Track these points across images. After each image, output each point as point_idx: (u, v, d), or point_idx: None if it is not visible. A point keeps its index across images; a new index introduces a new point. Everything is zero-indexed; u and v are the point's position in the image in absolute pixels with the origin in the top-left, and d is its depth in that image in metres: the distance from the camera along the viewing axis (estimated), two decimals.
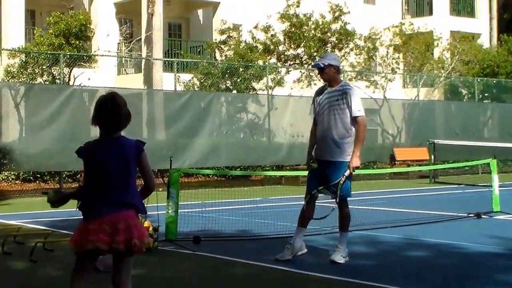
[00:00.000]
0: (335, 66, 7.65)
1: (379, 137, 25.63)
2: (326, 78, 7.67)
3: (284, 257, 7.54)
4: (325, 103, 7.62)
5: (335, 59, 7.85)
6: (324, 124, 7.59)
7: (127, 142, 4.55)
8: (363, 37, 26.14)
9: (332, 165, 7.49)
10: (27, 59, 19.83)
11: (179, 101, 19.31)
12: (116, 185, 4.44)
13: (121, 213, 4.42)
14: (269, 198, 14.83)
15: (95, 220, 4.41)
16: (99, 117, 4.52)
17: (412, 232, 9.88)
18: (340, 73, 7.90)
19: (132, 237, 4.38)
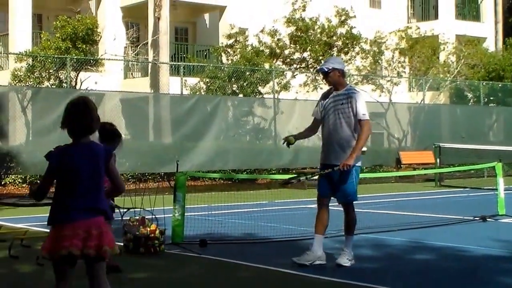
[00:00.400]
0: (339, 70, 7.64)
1: (385, 140, 25.65)
2: (331, 82, 7.67)
3: (300, 261, 7.48)
4: (331, 107, 7.61)
5: (339, 63, 7.83)
6: (330, 128, 7.59)
7: (97, 146, 4.56)
8: (369, 41, 26.17)
9: (344, 170, 7.48)
10: (34, 63, 19.92)
11: (186, 104, 19.37)
12: (88, 190, 4.43)
13: (94, 219, 4.42)
14: (275, 201, 14.86)
15: (68, 225, 4.37)
16: (71, 120, 4.50)
17: (417, 235, 9.90)
18: (345, 77, 7.91)
19: (103, 243, 4.39)
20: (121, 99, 19.38)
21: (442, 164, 21.40)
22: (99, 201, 4.48)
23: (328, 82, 7.73)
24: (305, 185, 19.03)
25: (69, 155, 4.45)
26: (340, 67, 7.66)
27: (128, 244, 8.54)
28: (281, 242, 9.46)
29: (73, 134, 4.50)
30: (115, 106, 18.92)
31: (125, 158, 18.32)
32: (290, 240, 9.58)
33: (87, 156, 4.45)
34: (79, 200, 4.40)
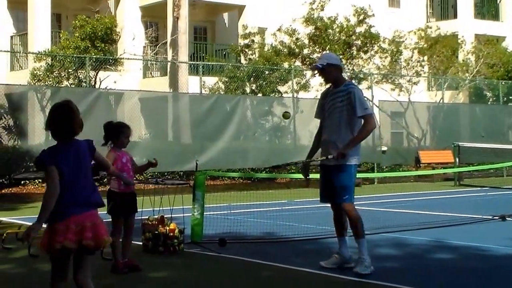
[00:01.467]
0: (335, 65, 7.29)
1: (404, 139, 25.57)
2: (328, 78, 7.37)
3: (328, 265, 7.26)
4: (330, 105, 7.29)
5: (334, 58, 7.50)
6: (328, 127, 7.29)
7: (80, 143, 4.75)
8: (387, 40, 26.07)
9: (337, 169, 7.16)
10: (53, 63, 20.02)
11: (205, 104, 19.39)
12: (78, 186, 4.65)
13: (87, 213, 4.65)
14: (295, 200, 14.84)
15: (62, 221, 4.58)
16: (55, 122, 4.69)
17: (437, 235, 9.84)
18: (342, 72, 7.50)
19: (99, 234, 4.64)
20: (140, 98, 19.43)
21: (461, 163, 21.27)
22: (91, 195, 4.72)
23: (325, 79, 7.43)
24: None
25: (58, 156, 4.64)
26: (335, 63, 7.32)
27: (147, 243, 8.56)
28: (300, 241, 9.44)
29: (57, 136, 4.71)
30: (134, 105, 18.98)
31: (145, 157, 18.36)
32: (309, 239, 9.56)
33: (72, 154, 4.67)
34: (71, 196, 4.61)
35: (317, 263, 7.45)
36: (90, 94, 17.75)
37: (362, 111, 7.10)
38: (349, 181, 7.18)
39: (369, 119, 7.17)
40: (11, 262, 8.01)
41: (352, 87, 7.26)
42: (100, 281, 6.89)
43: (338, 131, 7.19)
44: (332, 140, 7.21)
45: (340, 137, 7.16)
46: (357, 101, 7.09)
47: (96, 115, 17.34)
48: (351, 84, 7.37)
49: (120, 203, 7.25)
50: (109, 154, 7.29)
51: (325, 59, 7.39)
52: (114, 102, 19.28)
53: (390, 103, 24.35)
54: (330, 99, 7.30)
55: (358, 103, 7.09)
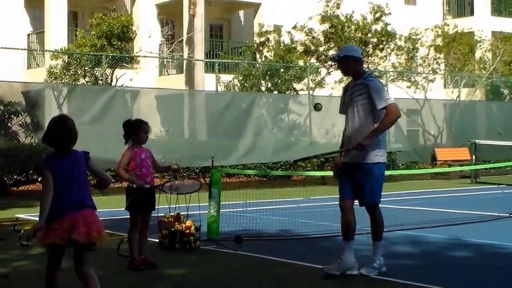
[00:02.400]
0: (353, 57, 6.95)
1: (420, 137, 25.48)
2: (346, 71, 7.10)
3: (331, 271, 6.85)
4: (349, 99, 7.01)
5: (353, 50, 7.11)
6: (349, 123, 7.00)
7: (77, 154, 5.23)
8: (403, 37, 25.95)
9: (359, 169, 6.85)
10: (69, 60, 20.12)
11: (221, 101, 19.41)
12: (75, 190, 5.10)
13: (81, 212, 5.08)
14: (311, 198, 14.82)
15: (58, 220, 5.01)
16: (52, 139, 5.20)
17: (454, 232, 9.80)
18: (362, 65, 7.07)
19: (91, 231, 5.03)
20: (156, 96, 19.49)
21: (478, 161, 21.16)
22: (85, 198, 5.17)
23: (342, 71, 7.21)
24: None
25: (57, 164, 5.13)
26: (354, 54, 6.97)
27: (164, 240, 8.59)
28: (316, 239, 9.43)
29: (55, 147, 5.21)
30: (150, 103, 19.04)
31: (161, 155, 18.41)
32: (325, 237, 9.55)
33: (68, 162, 5.15)
34: (68, 198, 5.06)
35: (332, 260, 7.42)
36: (107, 91, 17.82)
37: (382, 102, 6.74)
38: (372, 181, 6.82)
39: (391, 108, 6.74)
40: (28, 259, 8.06)
41: (370, 79, 6.91)
42: (117, 278, 6.92)
43: (358, 125, 6.86)
44: (353, 135, 6.89)
45: (359, 132, 6.82)
46: (375, 93, 6.76)
47: (112, 112, 17.43)
48: (370, 77, 7.00)
49: (138, 199, 7.27)
50: (125, 152, 7.33)
51: (344, 50, 7.08)
52: (130, 99, 19.35)
53: (406, 101, 24.27)
54: (349, 93, 7.02)
55: (377, 95, 6.75)
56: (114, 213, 12.77)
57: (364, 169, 6.82)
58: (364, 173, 6.83)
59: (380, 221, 6.99)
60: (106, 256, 8.07)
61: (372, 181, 6.84)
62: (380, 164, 6.88)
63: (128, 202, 7.30)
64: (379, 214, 6.97)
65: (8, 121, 17.59)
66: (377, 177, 6.86)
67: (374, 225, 6.99)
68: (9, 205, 14.32)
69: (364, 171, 6.83)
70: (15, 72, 21.92)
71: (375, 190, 6.87)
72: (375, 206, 6.94)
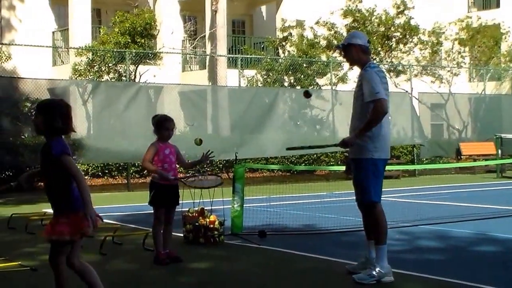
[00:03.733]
0: (356, 45, 6.52)
1: (445, 131, 25.31)
2: (349, 59, 6.64)
3: (354, 269, 6.62)
4: (354, 92, 6.65)
5: (356, 37, 6.64)
6: (351, 116, 6.64)
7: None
8: (427, 31, 25.77)
9: (356, 164, 6.50)
10: (93, 57, 20.25)
11: (244, 97, 19.44)
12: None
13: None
14: (334, 192, 14.79)
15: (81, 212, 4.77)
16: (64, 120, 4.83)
17: (480, 227, 9.72)
18: (366, 53, 6.58)
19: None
20: (179, 91, 19.56)
21: (504, 155, 20.97)
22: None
23: (346, 59, 6.74)
24: None
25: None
26: (357, 42, 6.53)
27: (188, 235, 8.62)
28: (340, 233, 9.41)
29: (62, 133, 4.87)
30: (173, 98, 19.11)
31: (184, 150, 18.45)
32: (349, 231, 9.52)
33: None
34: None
35: (356, 254, 7.40)
36: (130, 88, 17.92)
37: (368, 96, 6.29)
38: (366, 178, 6.38)
39: (377, 103, 6.23)
40: None
41: (366, 69, 6.43)
42: (144, 272, 6.96)
43: (355, 119, 6.50)
44: (352, 129, 6.54)
45: (357, 126, 6.46)
46: (365, 85, 6.33)
47: (136, 108, 17.53)
48: (368, 66, 6.47)
49: (161, 194, 7.31)
50: (150, 146, 7.41)
51: (347, 38, 6.67)
52: (154, 95, 19.44)
53: (430, 95, 24.11)
54: (356, 85, 6.64)
55: (366, 87, 6.31)
56: (138, 208, 12.86)
57: (358, 165, 6.45)
58: (358, 169, 6.45)
59: (382, 223, 6.38)
60: (132, 250, 8.13)
61: (366, 178, 6.37)
62: (376, 160, 6.39)
63: (151, 197, 7.35)
64: (379, 214, 6.39)
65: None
66: (371, 174, 6.36)
67: (373, 227, 6.43)
68: (37, 200, 14.47)
69: (358, 167, 6.45)
70: (41, 69, 22.10)
71: (368, 187, 6.36)
72: (372, 205, 6.41)
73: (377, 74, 6.40)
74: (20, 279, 6.70)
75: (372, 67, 6.47)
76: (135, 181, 18.72)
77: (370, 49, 6.66)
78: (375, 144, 6.35)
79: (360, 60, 6.55)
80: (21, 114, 17.28)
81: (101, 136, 17.67)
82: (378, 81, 6.33)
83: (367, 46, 6.58)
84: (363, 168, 6.40)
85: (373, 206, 6.42)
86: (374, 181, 6.37)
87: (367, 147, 6.36)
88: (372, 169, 6.37)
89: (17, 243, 8.86)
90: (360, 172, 6.43)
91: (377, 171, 6.39)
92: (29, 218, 9.98)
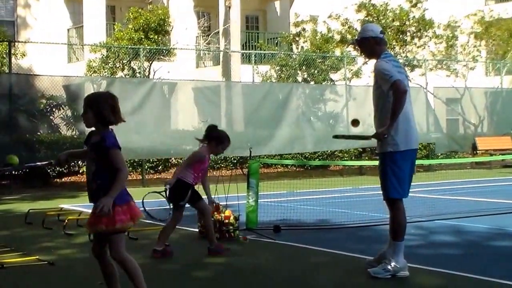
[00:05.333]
0: (369, 38, 6.41)
1: (460, 126, 25.17)
2: (365, 52, 6.55)
3: (371, 263, 6.56)
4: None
5: (368, 30, 6.53)
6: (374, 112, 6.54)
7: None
8: (442, 25, 25.63)
9: (379, 158, 6.44)
10: (108, 54, 20.32)
11: (258, 92, 19.43)
12: None
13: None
14: (347, 188, 14.78)
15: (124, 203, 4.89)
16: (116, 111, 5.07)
17: (497, 222, 9.67)
18: (381, 45, 6.43)
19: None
20: (193, 87, 19.59)
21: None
22: None
23: (363, 53, 6.67)
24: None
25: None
26: (370, 35, 6.41)
27: (203, 230, 8.64)
28: (354, 228, 9.42)
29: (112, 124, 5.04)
30: (187, 94, 19.15)
31: (198, 147, 18.47)
32: (363, 226, 9.53)
33: None
34: None
35: (370, 249, 7.40)
36: (145, 84, 17.97)
37: (386, 83, 6.14)
38: (383, 173, 6.29)
39: (393, 86, 6.09)
40: (73, 247, 8.22)
41: (377, 61, 6.34)
42: (158, 266, 7.00)
43: (377, 113, 6.37)
44: (375, 123, 6.44)
45: (378, 119, 6.36)
46: (379, 75, 6.22)
47: (150, 104, 17.57)
48: (380, 58, 6.35)
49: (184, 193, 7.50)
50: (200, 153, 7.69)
51: (360, 32, 6.60)
52: (168, 91, 19.48)
53: (446, 90, 23.99)
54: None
55: (380, 77, 6.21)
56: (153, 203, 12.91)
57: (380, 159, 6.37)
58: (380, 164, 6.36)
59: (398, 220, 6.27)
60: (147, 245, 8.18)
61: (384, 173, 6.29)
62: (393, 154, 6.24)
63: (190, 196, 7.51)
64: (397, 211, 6.28)
65: (51, 114, 17.87)
66: (389, 169, 6.25)
67: (391, 223, 6.35)
68: (53, 196, 14.62)
69: (380, 161, 6.37)
70: (56, 66, 22.22)
71: (386, 183, 6.27)
72: (392, 201, 6.31)
73: (388, 62, 6.29)
74: (38, 273, 6.76)
75: (383, 57, 6.34)
76: (149, 176, 18.78)
77: (385, 39, 6.54)
78: (394, 137, 6.22)
79: (376, 52, 6.42)
80: (37, 111, 17.40)
81: (115, 132, 17.67)
82: (389, 66, 6.22)
83: (380, 37, 6.44)
84: (381, 163, 6.33)
85: (393, 202, 6.32)
86: (392, 177, 6.25)
87: (386, 141, 6.25)
88: (390, 164, 6.26)
89: (35, 238, 8.95)
90: (380, 166, 6.35)
91: (395, 166, 6.25)
92: (46, 214, 10.06)
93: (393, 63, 6.34)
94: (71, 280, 6.56)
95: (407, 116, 6.31)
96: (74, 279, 6.60)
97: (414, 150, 6.42)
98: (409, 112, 6.37)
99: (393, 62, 6.37)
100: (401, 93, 6.09)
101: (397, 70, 6.29)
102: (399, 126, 6.22)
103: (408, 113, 6.32)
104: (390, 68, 6.20)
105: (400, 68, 6.45)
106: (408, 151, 6.30)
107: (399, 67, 6.43)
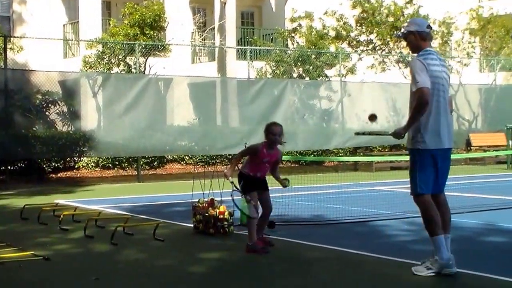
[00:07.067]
0: (414, 32, 6.37)
1: (455, 122, 25.22)
2: (410, 47, 6.52)
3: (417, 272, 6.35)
4: None
5: (412, 23, 6.50)
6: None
7: None
8: (438, 21, 25.68)
9: (409, 154, 6.50)
10: (103, 50, 20.33)
11: (253, 88, 19.46)
12: None
13: None
14: (342, 183, 14.83)
15: None
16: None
17: (489, 218, 9.74)
18: (426, 40, 6.39)
19: None
20: (188, 83, 19.63)
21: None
22: None
23: (409, 48, 6.60)
24: (373, 167, 18.98)
25: None
26: (415, 29, 6.38)
27: (198, 225, 8.70)
28: (348, 224, 9.47)
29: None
30: (183, 90, 19.18)
31: (194, 142, 18.57)
32: (357, 222, 9.58)
33: None
34: None
35: (364, 245, 7.46)
36: (140, 80, 17.99)
37: (413, 86, 6.18)
38: (412, 169, 6.34)
39: (417, 93, 6.11)
40: (68, 243, 8.25)
41: (414, 59, 6.37)
42: (153, 262, 7.05)
43: (410, 110, 6.40)
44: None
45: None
46: (411, 75, 6.26)
47: (146, 100, 17.61)
48: (418, 56, 6.34)
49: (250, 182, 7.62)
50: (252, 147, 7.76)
51: (406, 26, 6.53)
52: (164, 87, 19.50)
53: None
54: None
55: (411, 77, 6.24)
56: (149, 198, 12.96)
57: (410, 155, 6.42)
58: (411, 159, 6.40)
59: (426, 215, 6.22)
60: (143, 240, 8.22)
61: (412, 169, 6.34)
62: (422, 151, 6.24)
63: (241, 187, 7.62)
64: (422, 206, 6.26)
65: (46, 110, 17.90)
66: (417, 165, 6.26)
67: (423, 219, 6.31)
68: (49, 191, 14.64)
69: (410, 158, 6.41)
70: (52, 62, 22.20)
71: (414, 179, 6.30)
72: (416, 197, 6.32)
73: (422, 62, 6.22)
74: (33, 268, 6.80)
75: (421, 55, 6.31)
76: (145, 172, 18.82)
77: (431, 34, 6.51)
78: (422, 134, 6.21)
79: (419, 47, 6.37)
80: (32, 106, 17.41)
81: (111, 128, 17.76)
82: (420, 69, 6.16)
83: (426, 32, 6.38)
84: (411, 159, 6.35)
85: (417, 197, 6.31)
86: (420, 172, 6.25)
87: (415, 137, 6.27)
88: (418, 160, 6.26)
89: (30, 233, 8.98)
90: (410, 163, 6.38)
91: (424, 162, 6.23)
92: (41, 209, 10.09)
93: (427, 61, 6.25)
94: (66, 275, 6.60)
95: (438, 116, 6.26)
96: (70, 274, 6.64)
97: (445, 149, 6.38)
98: (442, 111, 6.31)
99: (427, 60, 6.26)
100: (423, 103, 6.10)
101: (431, 72, 6.22)
102: (428, 125, 6.23)
103: (439, 113, 6.28)
104: (420, 69, 6.15)
105: (437, 66, 6.33)
106: (437, 150, 6.29)
107: (434, 64, 6.30)
